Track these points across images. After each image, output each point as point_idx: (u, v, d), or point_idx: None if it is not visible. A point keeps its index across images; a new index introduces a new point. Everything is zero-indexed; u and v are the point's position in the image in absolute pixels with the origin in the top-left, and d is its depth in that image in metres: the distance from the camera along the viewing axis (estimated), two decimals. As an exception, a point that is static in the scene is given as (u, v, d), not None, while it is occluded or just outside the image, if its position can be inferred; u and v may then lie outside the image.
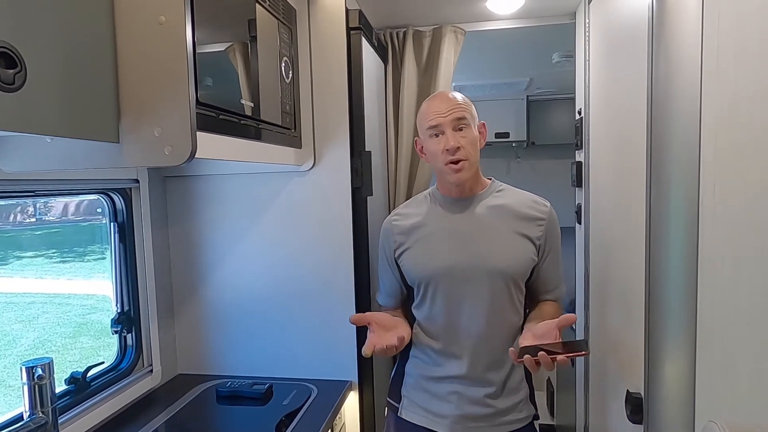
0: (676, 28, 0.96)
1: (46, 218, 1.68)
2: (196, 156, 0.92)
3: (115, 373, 1.53)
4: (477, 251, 1.28)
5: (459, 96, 1.31)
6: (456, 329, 1.29)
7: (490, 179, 1.39)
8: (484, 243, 1.29)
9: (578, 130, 1.92)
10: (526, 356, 1.07)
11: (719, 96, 0.88)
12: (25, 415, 1.06)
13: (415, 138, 1.40)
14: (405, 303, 1.44)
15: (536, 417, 1.37)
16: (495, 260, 1.27)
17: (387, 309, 1.44)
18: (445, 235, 1.31)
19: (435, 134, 1.27)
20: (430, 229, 1.33)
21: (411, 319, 1.41)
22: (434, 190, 1.40)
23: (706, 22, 0.90)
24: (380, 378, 1.77)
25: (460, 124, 1.26)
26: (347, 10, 1.61)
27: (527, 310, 1.37)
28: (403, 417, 1.38)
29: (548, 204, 1.35)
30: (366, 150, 1.68)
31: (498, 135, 3.60)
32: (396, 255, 1.37)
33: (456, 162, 1.25)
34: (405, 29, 2.12)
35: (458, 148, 1.24)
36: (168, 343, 1.74)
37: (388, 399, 1.46)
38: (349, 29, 1.62)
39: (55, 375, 1.10)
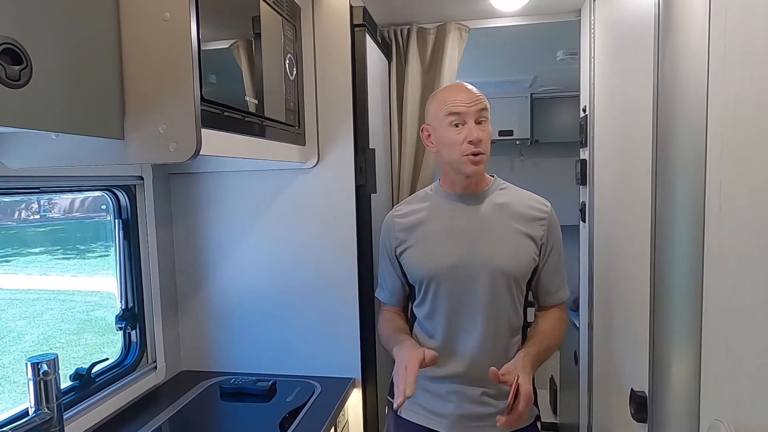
0: (682, 24, 0.95)
1: (51, 215, 1.69)
2: (200, 153, 0.92)
3: (120, 370, 1.54)
4: (479, 250, 1.27)
5: (477, 89, 1.30)
6: (456, 328, 1.29)
7: (492, 176, 1.38)
8: (486, 242, 1.28)
9: (583, 127, 1.91)
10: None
11: (726, 93, 0.87)
12: (31, 411, 1.06)
13: (423, 125, 1.35)
14: (406, 301, 1.43)
15: (538, 418, 1.37)
16: (497, 259, 1.26)
17: (388, 306, 1.43)
18: (447, 234, 1.30)
19: (456, 123, 1.24)
20: (432, 227, 1.32)
21: (411, 318, 1.40)
22: (437, 186, 1.39)
23: (713, 19, 0.89)
24: (383, 375, 1.77)
25: (481, 116, 1.25)
26: (351, 7, 1.60)
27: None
28: (403, 416, 1.37)
29: (549, 204, 1.35)
30: (370, 147, 1.68)
31: (502, 133, 3.60)
32: (397, 253, 1.36)
33: (476, 154, 1.24)
34: (409, 26, 2.11)
35: (480, 140, 1.23)
36: (172, 340, 1.74)
37: (388, 397, 1.46)
38: (353, 26, 1.61)
39: (59, 371, 1.10)
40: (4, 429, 1.00)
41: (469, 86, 1.30)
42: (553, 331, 1.32)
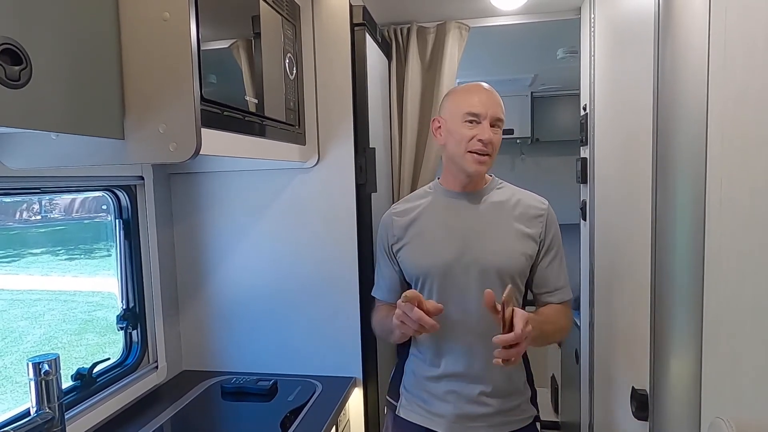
0: (682, 22, 0.95)
1: (52, 215, 1.69)
2: (200, 153, 0.92)
3: (121, 369, 1.54)
4: (475, 248, 1.27)
5: (499, 99, 1.31)
6: (453, 327, 1.28)
7: (490, 176, 1.39)
8: (482, 240, 1.28)
9: (583, 126, 1.91)
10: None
11: (726, 90, 0.87)
12: (32, 411, 1.06)
13: (435, 117, 1.37)
14: None
15: (537, 418, 1.36)
16: (493, 258, 1.26)
17: (384, 304, 1.43)
18: (443, 231, 1.31)
19: (471, 121, 1.27)
20: (429, 225, 1.33)
21: None
22: (436, 184, 1.39)
23: (713, 16, 0.89)
24: (384, 374, 1.77)
25: (497, 122, 1.28)
26: (351, 6, 1.60)
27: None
28: (401, 416, 1.37)
29: (546, 202, 1.35)
30: (370, 146, 1.68)
31: (502, 131, 3.59)
32: (394, 250, 1.36)
33: (483, 154, 1.26)
34: (409, 25, 2.11)
35: (491, 142, 1.26)
36: (173, 340, 1.75)
37: (387, 397, 1.46)
38: (353, 25, 1.61)
39: (61, 371, 1.10)
40: (6, 429, 1.00)
41: (494, 93, 1.31)
42: (556, 318, 1.30)
